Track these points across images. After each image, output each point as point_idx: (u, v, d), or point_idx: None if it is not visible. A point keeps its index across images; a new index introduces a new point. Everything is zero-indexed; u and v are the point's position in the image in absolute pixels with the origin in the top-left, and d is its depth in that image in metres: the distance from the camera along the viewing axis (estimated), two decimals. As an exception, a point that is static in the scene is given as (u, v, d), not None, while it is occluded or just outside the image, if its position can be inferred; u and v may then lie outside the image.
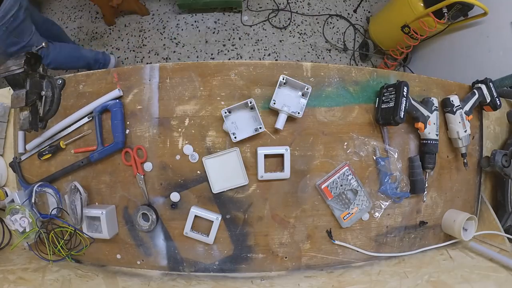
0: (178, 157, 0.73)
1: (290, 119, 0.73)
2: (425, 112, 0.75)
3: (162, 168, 0.74)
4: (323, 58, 1.95)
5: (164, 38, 1.96)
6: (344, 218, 0.76)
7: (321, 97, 0.75)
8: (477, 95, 0.83)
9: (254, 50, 1.90)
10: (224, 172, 0.73)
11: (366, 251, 0.78)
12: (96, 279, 0.72)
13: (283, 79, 0.69)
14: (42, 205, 0.77)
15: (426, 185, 0.79)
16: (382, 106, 0.74)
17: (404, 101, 0.70)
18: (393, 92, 0.72)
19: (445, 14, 1.41)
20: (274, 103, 0.69)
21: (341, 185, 0.75)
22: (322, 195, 0.75)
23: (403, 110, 0.69)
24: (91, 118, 0.74)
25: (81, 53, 1.59)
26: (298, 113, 0.70)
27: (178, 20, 1.97)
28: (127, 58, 1.95)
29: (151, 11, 2.00)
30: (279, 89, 0.71)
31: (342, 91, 0.76)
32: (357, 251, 0.78)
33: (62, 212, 0.76)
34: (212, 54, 1.91)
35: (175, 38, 1.95)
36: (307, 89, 0.69)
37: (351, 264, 0.79)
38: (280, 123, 0.70)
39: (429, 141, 0.76)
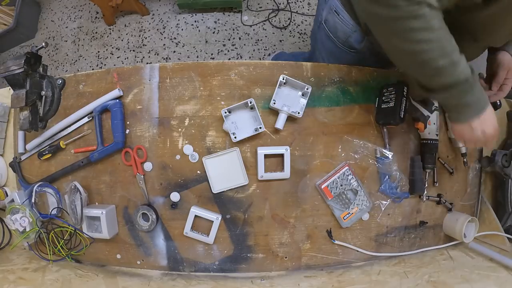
0: (178, 157, 0.73)
1: (290, 119, 0.73)
2: (425, 112, 0.75)
3: (162, 168, 0.74)
4: (323, 58, 1.95)
5: (164, 38, 1.95)
6: (344, 218, 0.76)
7: (321, 97, 0.75)
8: (477, 95, 0.82)
9: (254, 50, 1.90)
10: (224, 172, 0.73)
11: (366, 251, 0.78)
12: (96, 279, 0.72)
13: (283, 79, 0.69)
14: (42, 205, 0.77)
15: (426, 185, 0.79)
16: (382, 106, 0.74)
17: (404, 101, 0.70)
18: (393, 92, 0.72)
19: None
20: (274, 103, 0.69)
21: (341, 185, 0.75)
22: (322, 195, 0.75)
23: (403, 110, 0.69)
24: (91, 118, 0.74)
25: None
26: (298, 113, 0.70)
27: (178, 20, 1.97)
28: (127, 58, 1.95)
29: (151, 11, 2.00)
30: (279, 89, 0.71)
31: (342, 91, 0.76)
32: (357, 251, 0.78)
33: (62, 212, 0.76)
34: (212, 54, 1.91)
35: (175, 38, 1.95)
36: (307, 89, 0.69)
37: (351, 264, 0.79)
38: (280, 123, 0.70)
39: (429, 141, 0.76)
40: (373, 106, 0.78)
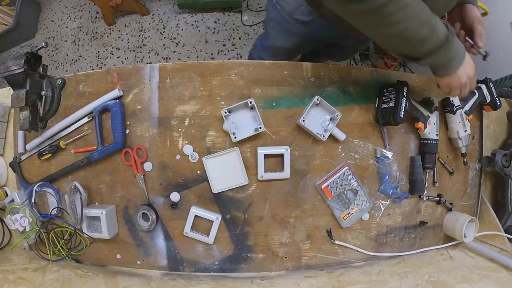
0: (178, 157, 0.73)
1: (290, 117, 0.73)
2: (425, 112, 0.75)
3: (162, 168, 0.74)
4: (323, 58, 1.95)
5: (164, 38, 1.95)
6: (344, 218, 0.76)
7: (321, 97, 0.75)
8: (477, 95, 0.82)
9: (254, 50, 1.90)
10: (224, 172, 0.73)
11: (366, 251, 0.78)
12: (96, 279, 0.72)
13: (318, 100, 0.70)
14: (42, 205, 0.78)
15: (426, 185, 0.79)
16: (382, 106, 0.74)
17: (404, 101, 0.70)
18: (393, 92, 0.72)
19: (445, 13, 1.40)
20: (304, 121, 0.70)
21: (341, 185, 0.75)
22: (322, 195, 0.75)
23: (403, 110, 0.69)
24: (91, 118, 0.74)
25: None
26: (323, 136, 0.70)
27: (178, 20, 1.97)
28: (127, 58, 1.95)
29: (151, 11, 2.00)
30: (311, 109, 0.71)
31: (342, 91, 0.76)
32: (357, 251, 0.78)
33: (62, 212, 0.76)
34: (212, 54, 1.91)
35: (175, 38, 1.95)
36: (337, 115, 0.70)
37: (351, 264, 0.79)
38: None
39: (429, 141, 0.76)
40: (373, 106, 0.78)
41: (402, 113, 0.69)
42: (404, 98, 0.70)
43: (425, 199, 0.80)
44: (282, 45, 0.98)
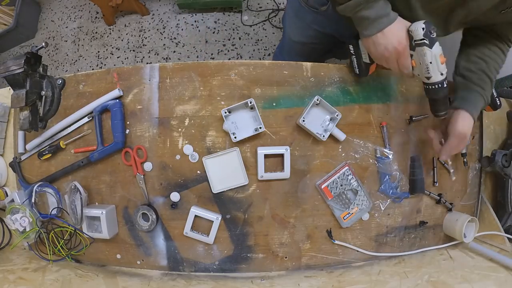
0: (178, 157, 0.73)
1: (290, 117, 0.73)
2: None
3: (162, 168, 0.74)
4: (323, 58, 1.95)
5: (164, 38, 1.96)
6: (344, 218, 0.76)
7: (321, 97, 0.75)
8: (477, 95, 0.82)
9: (254, 50, 1.90)
10: (224, 172, 0.73)
11: (366, 251, 0.79)
12: (96, 279, 0.72)
13: (318, 100, 0.70)
14: (42, 205, 0.77)
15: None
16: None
17: (354, 59, 0.71)
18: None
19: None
20: (304, 121, 0.70)
21: (341, 185, 0.75)
22: (322, 195, 0.75)
23: (356, 67, 0.71)
24: (91, 118, 0.74)
25: None
26: (323, 136, 0.71)
27: (178, 20, 1.97)
28: (127, 58, 1.95)
29: (151, 11, 2.01)
30: (311, 109, 0.72)
31: (342, 91, 0.76)
32: (357, 251, 0.78)
33: (62, 212, 0.76)
34: (212, 54, 1.91)
35: (175, 38, 1.95)
36: (337, 115, 0.70)
37: (351, 264, 0.79)
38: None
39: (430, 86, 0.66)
40: (373, 106, 0.77)
41: (357, 69, 0.72)
42: (354, 56, 0.71)
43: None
44: (297, 39, 0.99)
